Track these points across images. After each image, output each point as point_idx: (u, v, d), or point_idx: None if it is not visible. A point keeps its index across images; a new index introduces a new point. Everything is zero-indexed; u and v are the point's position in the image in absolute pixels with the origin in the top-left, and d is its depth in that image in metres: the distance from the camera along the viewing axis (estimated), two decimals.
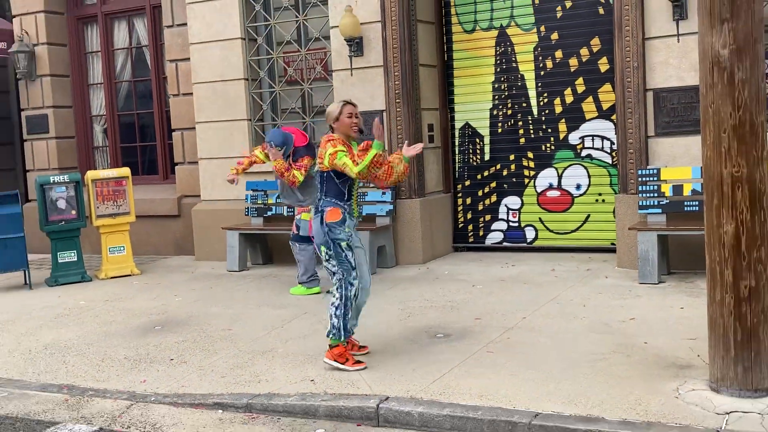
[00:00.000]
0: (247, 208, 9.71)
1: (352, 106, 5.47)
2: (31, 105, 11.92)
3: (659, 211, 7.63)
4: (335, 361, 5.37)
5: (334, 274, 5.41)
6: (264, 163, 8.09)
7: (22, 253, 9.10)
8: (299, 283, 7.99)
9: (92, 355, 6.25)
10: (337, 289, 5.40)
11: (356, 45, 9.08)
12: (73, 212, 9.44)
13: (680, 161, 7.83)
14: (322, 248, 5.40)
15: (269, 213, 9.58)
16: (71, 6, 11.89)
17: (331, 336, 5.40)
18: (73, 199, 9.44)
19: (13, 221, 9.07)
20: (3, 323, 7.51)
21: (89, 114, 12.09)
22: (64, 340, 6.75)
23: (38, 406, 5.27)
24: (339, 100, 5.65)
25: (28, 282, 9.28)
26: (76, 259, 9.47)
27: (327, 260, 5.42)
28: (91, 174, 9.67)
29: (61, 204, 9.40)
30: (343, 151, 5.30)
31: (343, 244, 5.35)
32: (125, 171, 9.81)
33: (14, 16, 11.85)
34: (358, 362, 5.38)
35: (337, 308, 5.38)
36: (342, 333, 5.38)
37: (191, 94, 10.45)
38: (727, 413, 4.17)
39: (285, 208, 9.44)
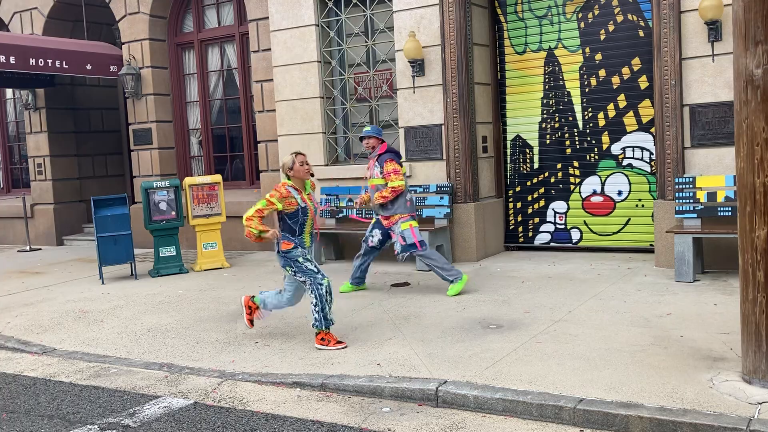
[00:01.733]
0: (322, 210, 9.79)
1: (302, 156, 5.81)
2: (137, 120, 12.24)
3: (694, 215, 7.42)
4: (319, 344, 5.74)
5: (304, 283, 5.79)
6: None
7: (129, 248, 9.35)
8: (451, 283, 7.20)
9: (188, 338, 6.40)
10: (311, 293, 5.75)
11: (418, 66, 9.07)
12: (173, 213, 9.66)
13: (714, 170, 7.60)
14: (288, 269, 5.83)
15: (341, 215, 9.65)
16: (171, 34, 12.17)
17: (315, 326, 5.76)
18: (173, 201, 9.65)
19: (122, 221, 9.33)
20: (112, 309, 7.74)
21: (187, 128, 12.36)
22: (164, 324, 6.91)
23: (142, 381, 5.41)
24: (290, 152, 5.98)
25: (134, 273, 9.54)
26: (175, 253, 9.68)
27: (294, 275, 5.80)
28: (188, 180, 9.87)
29: (163, 206, 9.62)
30: (267, 202, 5.69)
31: (300, 258, 5.76)
32: (217, 177, 9.99)
33: (123, 43, 12.18)
34: (339, 342, 5.73)
35: (315, 306, 5.73)
36: (323, 323, 5.71)
37: (274, 110, 10.60)
38: (759, 403, 4.03)
39: (354, 210, 9.49)
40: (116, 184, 14.29)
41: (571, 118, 9.14)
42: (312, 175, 5.90)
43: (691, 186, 7.50)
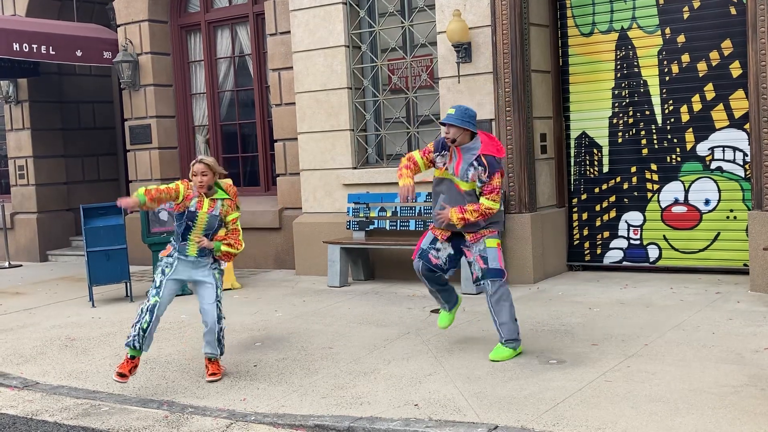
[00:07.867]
0: (349, 221, 9.84)
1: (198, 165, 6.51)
2: (135, 115, 12.43)
3: None
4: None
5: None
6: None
7: (124, 265, 9.48)
8: (503, 343, 6.18)
9: (192, 371, 6.46)
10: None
11: (464, 51, 9.09)
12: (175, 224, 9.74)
13: None
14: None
15: (371, 227, 9.68)
16: (174, 14, 12.36)
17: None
18: None
19: (116, 233, 9.46)
20: (104, 336, 7.85)
21: (192, 124, 12.53)
22: (164, 355, 6.99)
23: (138, 422, 5.47)
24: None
25: (129, 294, 9.66)
26: None
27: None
28: None
29: (163, 216, 9.73)
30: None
31: (164, 269, 6.41)
32: (227, 182, 10.06)
33: (119, 26, 12.39)
34: (122, 375, 6.00)
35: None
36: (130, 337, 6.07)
37: (294, 103, 10.70)
38: None
39: (387, 221, 9.52)
40: (110, 189, 14.51)
41: (647, 113, 9.07)
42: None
43: None
